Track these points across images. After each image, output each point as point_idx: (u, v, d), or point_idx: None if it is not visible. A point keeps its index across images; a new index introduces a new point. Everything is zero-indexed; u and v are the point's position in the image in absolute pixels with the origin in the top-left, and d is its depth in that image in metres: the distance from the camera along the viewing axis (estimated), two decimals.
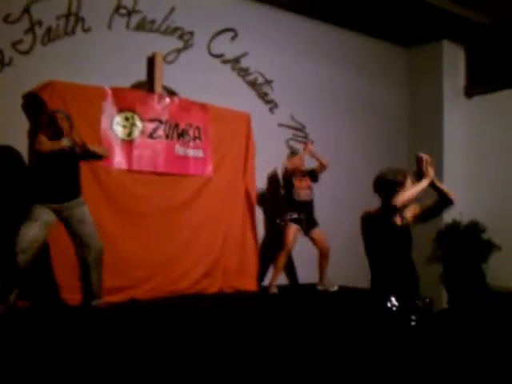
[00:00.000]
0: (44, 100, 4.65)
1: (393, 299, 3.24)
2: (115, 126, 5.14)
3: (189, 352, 3.71)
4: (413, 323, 3.24)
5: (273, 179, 6.35)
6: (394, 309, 3.22)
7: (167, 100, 5.48)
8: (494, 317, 5.75)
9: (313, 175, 5.90)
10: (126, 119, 5.20)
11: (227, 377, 3.57)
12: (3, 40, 4.73)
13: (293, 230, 5.67)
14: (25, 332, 3.67)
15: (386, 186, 3.33)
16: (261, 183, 6.23)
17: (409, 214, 3.39)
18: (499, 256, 6.83)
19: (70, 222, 4.32)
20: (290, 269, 6.40)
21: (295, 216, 5.69)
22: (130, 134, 5.20)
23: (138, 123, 5.26)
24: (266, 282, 5.94)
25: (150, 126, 5.33)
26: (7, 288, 4.14)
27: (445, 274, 6.90)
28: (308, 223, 5.74)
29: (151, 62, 5.50)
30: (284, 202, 5.92)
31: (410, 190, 3.22)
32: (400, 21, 7.01)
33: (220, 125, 5.77)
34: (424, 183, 3.23)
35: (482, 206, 7.19)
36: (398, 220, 3.32)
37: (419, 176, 3.27)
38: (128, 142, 5.19)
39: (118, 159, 5.13)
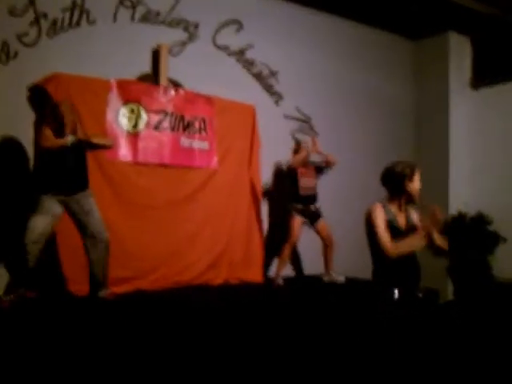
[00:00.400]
0: (49, 92, 4.67)
1: (395, 291, 3.26)
2: (121, 118, 5.15)
3: (195, 343, 3.74)
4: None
5: (278, 171, 6.34)
6: (395, 300, 3.24)
7: (172, 92, 5.49)
8: (499, 308, 5.74)
9: (319, 169, 5.91)
10: (132, 111, 5.21)
11: (233, 368, 3.59)
12: (9, 33, 4.74)
13: (298, 221, 5.70)
14: (34, 322, 3.70)
15: (394, 178, 3.33)
16: (266, 175, 6.22)
17: (415, 220, 3.41)
18: (505, 248, 6.82)
19: (77, 214, 4.34)
20: (295, 260, 6.42)
21: (300, 207, 5.71)
22: (135, 126, 5.22)
23: (144, 115, 5.27)
24: (272, 273, 5.95)
25: (156, 117, 5.34)
26: (17, 279, 4.19)
27: (451, 266, 6.89)
28: (313, 215, 5.76)
29: (156, 54, 5.51)
30: (288, 193, 5.92)
31: (407, 245, 3.21)
32: (407, 13, 6.96)
33: (225, 117, 5.77)
34: (420, 243, 3.24)
35: (488, 197, 7.17)
36: (402, 221, 3.33)
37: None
38: (133, 134, 5.20)
39: (124, 151, 5.14)
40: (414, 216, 3.43)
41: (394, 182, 3.34)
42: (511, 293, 6.23)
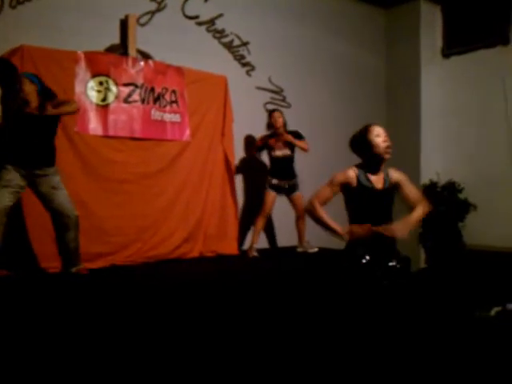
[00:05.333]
0: (15, 65, 4.52)
1: (366, 256, 3.28)
2: (89, 90, 5.02)
3: (173, 316, 3.73)
4: (385, 282, 3.30)
5: (251, 142, 6.30)
6: (366, 263, 3.27)
7: (142, 63, 5.37)
8: (469, 275, 5.87)
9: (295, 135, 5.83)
10: (100, 84, 5.09)
11: (211, 339, 3.60)
12: None
13: (271, 196, 5.76)
14: (8, 300, 3.64)
15: (356, 142, 3.36)
16: (239, 147, 6.18)
17: (394, 177, 3.38)
18: (475, 215, 6.95)
19: (42, 190, 4.25)
20: (270, 233, 6.44)
21: (275, 182, 5.74)
22: (104, 99, 5.10)
23: (113, 87, 5.15)
24: (246, 246, 5.97)
25: (125, 90, 5.23)
26: None
27: (423, 234, 7.00)
28: (288, 187, 5.77)
29: (124, 25, 5.36)
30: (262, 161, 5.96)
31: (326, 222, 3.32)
32: None
33: (196, 88, 5.68)
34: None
35: (459, 166, 7.26)
36: (378, 183, 3.32)
37: None
38: (103, 107, 5.09)
39: (94, 125, 5.03)
40: (394, 175, 3.38)
41: (358, 146, 3.35)
42: (481, 259, 6.38)
